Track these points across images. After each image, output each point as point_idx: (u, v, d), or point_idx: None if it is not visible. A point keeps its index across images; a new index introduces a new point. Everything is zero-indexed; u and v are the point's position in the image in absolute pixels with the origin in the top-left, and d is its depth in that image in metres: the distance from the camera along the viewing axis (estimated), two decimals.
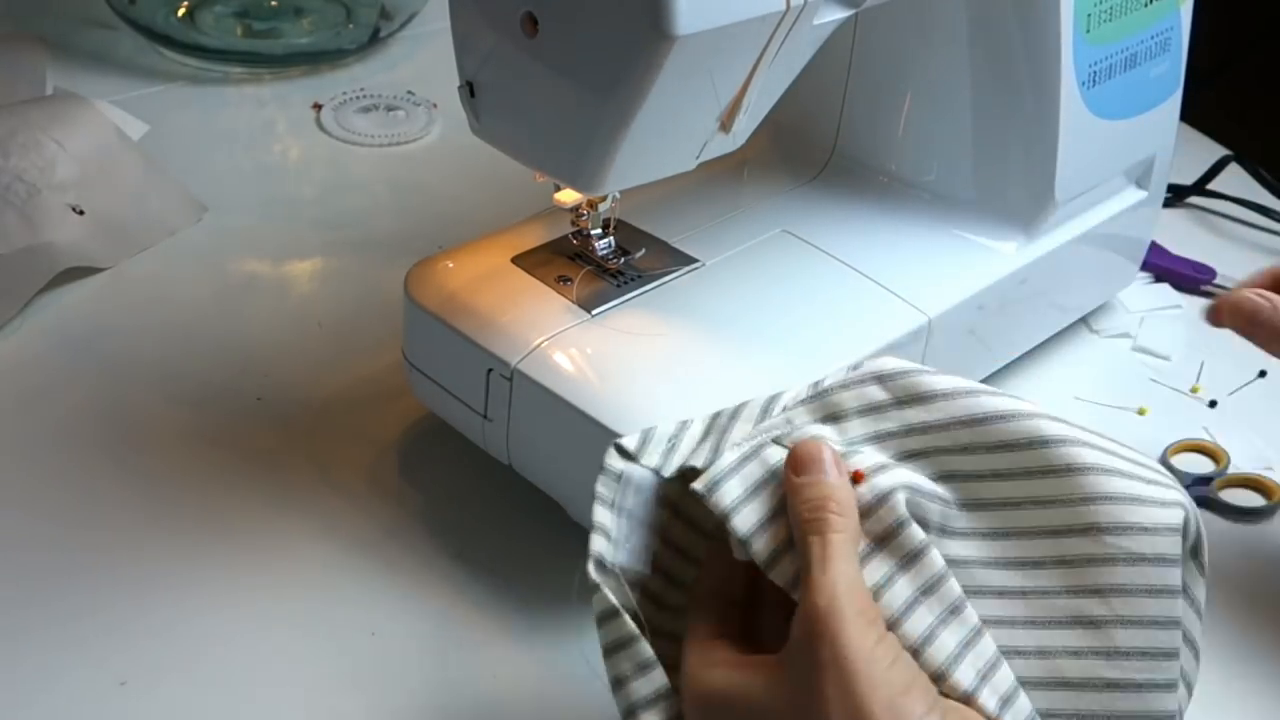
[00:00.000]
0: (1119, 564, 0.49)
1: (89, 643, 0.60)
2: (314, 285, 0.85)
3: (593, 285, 0.67)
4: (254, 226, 0.88)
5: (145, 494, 0.68)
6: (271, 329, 0.79)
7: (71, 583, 0.63)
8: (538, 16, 0.56)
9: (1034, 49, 0.70)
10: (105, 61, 1.03)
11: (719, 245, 0.71)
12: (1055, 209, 0.74)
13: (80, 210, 0.83)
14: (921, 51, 0.73)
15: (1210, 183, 0.99)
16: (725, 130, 0.61)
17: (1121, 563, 0.49)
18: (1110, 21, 0.72)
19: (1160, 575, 0.49)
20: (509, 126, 0.62)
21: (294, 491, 0.69)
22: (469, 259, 0.69)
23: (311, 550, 0.66)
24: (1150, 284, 0.89)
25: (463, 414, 0.66)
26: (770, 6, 0.55)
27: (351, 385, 0.76)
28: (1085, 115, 0.72)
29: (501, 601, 0.64)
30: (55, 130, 0.86)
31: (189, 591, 0.63)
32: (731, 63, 0.58)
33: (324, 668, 0.60)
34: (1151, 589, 0.49)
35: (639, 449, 0.52)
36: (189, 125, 0.97)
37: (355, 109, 0.99)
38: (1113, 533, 0.50)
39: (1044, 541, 0.50)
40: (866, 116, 0.77)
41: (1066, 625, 0.49)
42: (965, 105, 0.73)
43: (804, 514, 0.48)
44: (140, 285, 0.82)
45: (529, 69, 0.58)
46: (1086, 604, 0.49)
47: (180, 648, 0.61)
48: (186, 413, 0.73)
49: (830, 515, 0.48)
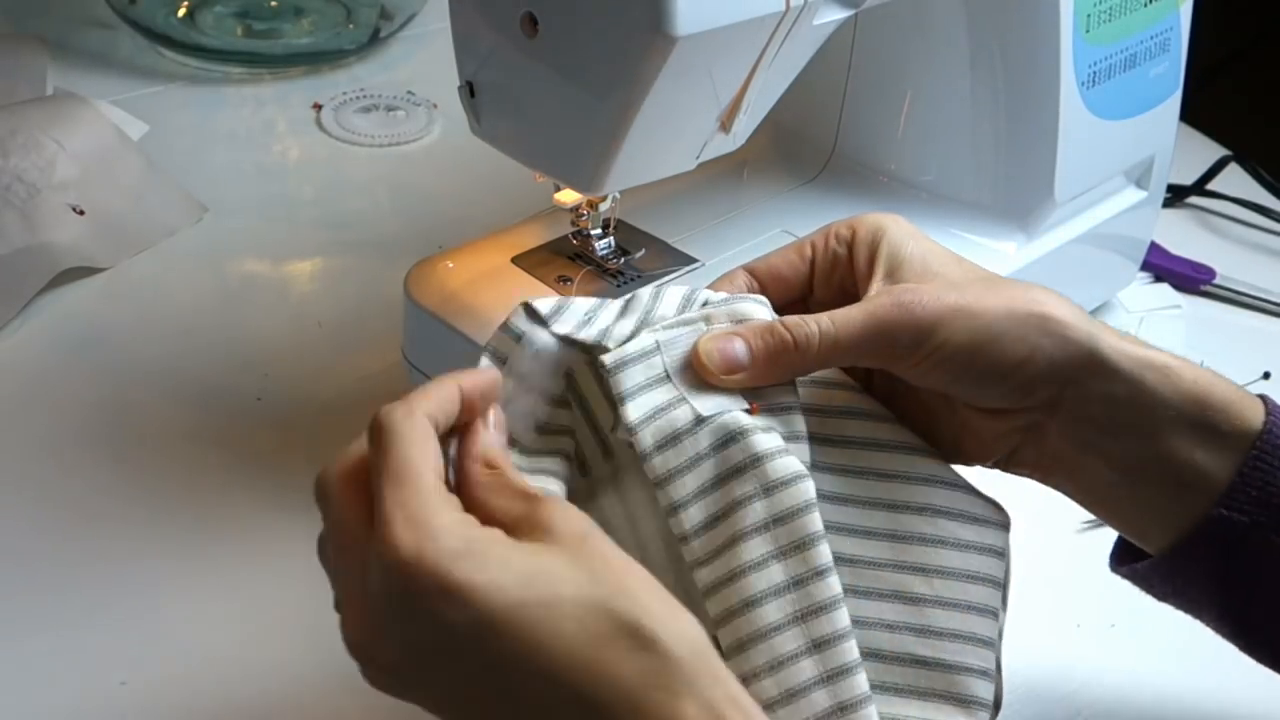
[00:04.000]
0: (947, 547, 0.51)
1: (89, 642, 0.60)
2: (314, 285, 0.85)
3: (593, 285, 0.67)
4: (254, 226, 0.88)
5: (145, 494, 0.68)
6: (271, 329, 0.79)
7: (72, 582, 0.63)
8: (538, 17, 0.56)
9: (1033, 49, 0.70)
10: (105, 62, 1.03)
11: (719, 245, 0.71)
12: (1055, 209, 0.74)
13: (80, 210, 0.83)
14: (921, 51, 0.73)
15: (1210, 183, 0.99)
16: (725, 130, 0.61)
17: (949, 546, 0.51)
18: (1109, 22, 0.72)
19: (985, 564, 0.51)
20: (509, 127, 0.62)
21: (294, 491, 0.69)
22: (469, 259, 0.69)
23: (311, 550, 0.66)
24: (1150, 284, 0.89)
25: None
26: (770, 7, 0.55)
27: (351, 385, 0.75)
28: (1085, 115, 0.72)
29: None
30: (55, 130, 0.86)
31: (188, 591, 0.63)
32: (731, 63, 0.58)
33: (324, 668, 0.60)
34: (974, 576, 0.51)
35: (551, 315, 0.50)
36: (189, 125, 0.97)
37: (355, 109, 0.99)
38: (948, 516, 0.51)
39: (879, 514, 0.51)
40: (866, 116, 0.77)
41: (887, 598, 0.50)
42: (965, 105, 0.73)
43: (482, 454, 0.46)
44: (140, 285, 0.82)
45: (529, 69, 0.58)
46: (910, 580, 0.50)
47: (180, 647, 0.61)
48: (186, 413, 0.73)
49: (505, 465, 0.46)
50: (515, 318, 0.50)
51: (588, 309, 0.51)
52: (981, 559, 0.51)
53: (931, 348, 0.50)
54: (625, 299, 0.52)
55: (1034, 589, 0.57)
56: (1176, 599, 0.54)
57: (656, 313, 0.51)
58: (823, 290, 0.55)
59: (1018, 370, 0.50)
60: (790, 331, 0.50)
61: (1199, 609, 0.54)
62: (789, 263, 0.55)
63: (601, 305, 0.52)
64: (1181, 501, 0.51)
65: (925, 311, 0.50)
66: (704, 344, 0.50)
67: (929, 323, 0.49)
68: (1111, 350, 0.50)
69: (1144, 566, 0.53)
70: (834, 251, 0.55)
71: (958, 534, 0.51)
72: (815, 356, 0.50)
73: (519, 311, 0.50)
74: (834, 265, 0.55)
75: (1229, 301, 0.90)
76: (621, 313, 0.51)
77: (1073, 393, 0.50)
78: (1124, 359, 0.50)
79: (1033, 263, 0.74)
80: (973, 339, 0.50)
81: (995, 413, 0.52)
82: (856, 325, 0.50)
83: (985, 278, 0.53)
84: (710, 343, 0.50)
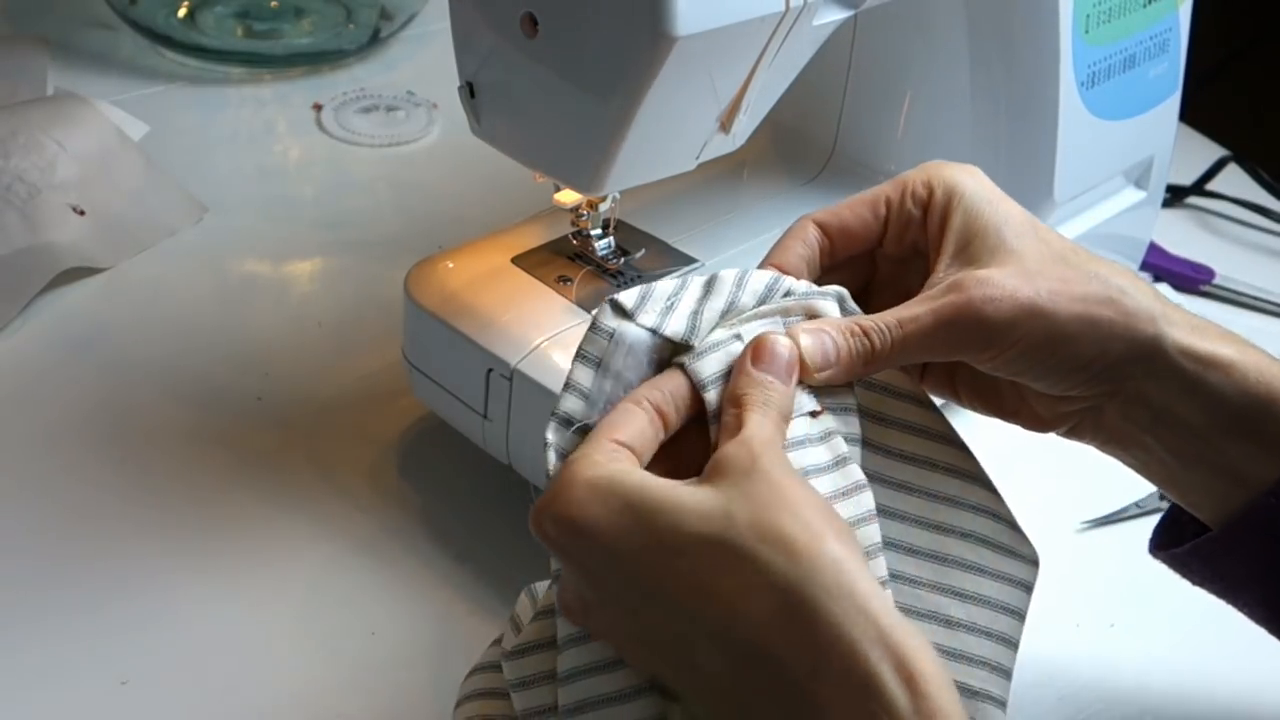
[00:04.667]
0: (986, 577, 0.51)
1: (90, 642, 0.60)
2: (314, 285, 0.85)
3: (593, 285, 0.67)
4: (254, 226, 0.88)
5: (145, 494, 0.68)
6: (271, 329, 0.79)
7: (72, 582, 0.63)
8: (538, 17, 0.56)
9: (1033, 49, 0.70)
10: (106, 62, 1.03)
11: (719, 245, 0.71)
12: (1054, 209, 0.74)
13: (80, 210, 0.83)
14: (921, 51, 0.73)
15: (1209, 183, 0.99)
16: (725, 130, 0.61)
17: (989, 576, 0.51)
18: (1109, 22, 0.72)
19: (1015, 598, 0.51)
20: (509, 127, 0.62)
21: (294, 491, 0.69)
22: (469, 259, 0.69)
23: (311, 550, 0.66)
24: (1149, 284, 0.89)
25: (463, 414, 0.66)
26: (770, 7, 0.55)
27: (351, 385, 0.76)
28: (1084, 116, 0.72)
29: (501, 602, 0.64)
30: (56, 131, 0.86)
31: (189, 591, 0.63)
32: (731, 63, 0.58)
33: (324, 668, 0.61)
34: (1005, 607, 0.51)
35: (636, 307, 0.50)
36: (189, 125, 0.97)
37: (355, 109, 0.99)
38: (990, 547, 0.51)
39: (925, 533, 0.51)
40: (866, 116, 0.77)
41: (924, 617, 0.50)
42: (965, 105, 0.73)
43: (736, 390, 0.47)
44: (140, 285, 0.82)
45: (529, 69, 0.58)
46: (948, 603, 0.50)
47: (180, 647, 0.61)
48: (186, 412, 0.73)
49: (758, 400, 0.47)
50: (603, 316, 0.49)
51: (669, 294, 0.50)
52: (1013, 592, 0.51)
53: (1001, 349, 0.49)
54: (705, 280, 0.51)
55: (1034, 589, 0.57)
56: (1215, 584, 0.54)
57: (741, 300, 0.50)
58: (893, 246, 0.55)
59: (1084, 369, 0.50)
60: (871, 336, 0.49)
61: (1238, 595, 0.54)
62: (860, 219, 0.54)
63: (683, 288, 0.50)
64: (1231, 488, 0.51)
65: (996, 313, 0.49)
66: (805, 343, 0.49)
67: (1001, 325, 0.49)
68: (1175, 350, 0.50)
69: (1184, 551, 0.54)
70: (909, 212, 0.54)
71: (997, 565, 0.51)
72: (883, 360, 0.50)
73: (605, 309, 0.49)
74: (907, 225, 0.54)
75: (1228, 302, 0.90)
76: (703, 296, 0.50)
77: (1133, 387, 0.51)
78: (1186, 360, 0.50)
79: None
80: (1046, 339, 0.49)
81: (1056, 397, 0.52)
82: (924, 327, 0.49)
83: (1062, 256, 0.51)
84: (810, 339, 0.49)
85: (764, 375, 0.47)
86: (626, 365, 0.49)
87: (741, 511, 0.43)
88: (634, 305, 0.49)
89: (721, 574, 0.42)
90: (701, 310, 0.50)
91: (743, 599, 0.42)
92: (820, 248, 0.54)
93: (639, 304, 0.49)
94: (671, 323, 0.49)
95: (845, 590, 0.42)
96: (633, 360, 0.49)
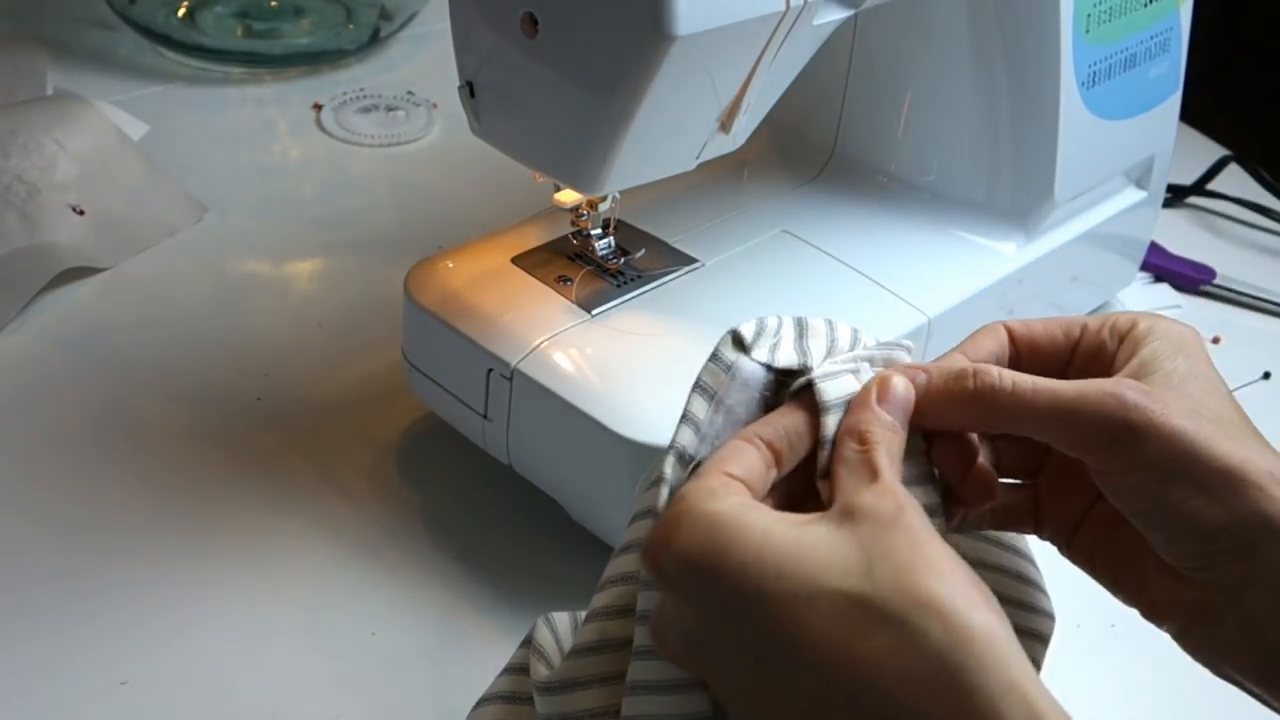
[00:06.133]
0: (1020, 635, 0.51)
1: (90, 642, 0.60)
2: (314, 285, 0.85)
3: (593, 285, 0.67)
4: (254, 226, 0.88)
5: (145, 494, 0.68)
6: (271, 329, 0.79)
7: (72, 583, 0.63)
8: (538, 17, 0.56)
9: (1034, 49, 0.70)
10: (105, 62, 1.03)
11: (719, 245, 0.71)
12: (1055, 209, 0.74)
13: (80, 210, 0.83)
14: (921, 51, 0.73)
15: (1209, 183, 0.99)
16: (725, 130, 0.61)
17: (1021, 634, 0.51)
18: (1110, 22, 0.72)
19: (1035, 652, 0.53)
20: (509, 127, 0.62)
21: (294, 492, 0.69)
22: (469, 259, 0.69)
23: (311, 550, 0.66)
24: (1150, 284, 0.89)
25: (463, 414, 0.67)
26: (770, 7, 0.55)
27: (351, 385, 0.76)
28: (1085, 115, 0.72)
29: (501, 602, 0.64)
30: (56, 130, 0.86)
31: (189, 591, 0.63)
32: (731, 63, 0.58)
33: (324, 668, 0.60)
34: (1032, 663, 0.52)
35: (754, 340, 0.48)
36: (189, 125, 0.97)
37: (355, 109, 0.99)
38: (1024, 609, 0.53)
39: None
40: (866, 116, 0.77)
41: None
42: (965, 105, 0.73)
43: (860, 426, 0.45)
44: (140, 285, 0.82)
45: (529, 69, 0.58)
46: None
47: (180, 648, 0.61)
48: (186, 412, 0.73)
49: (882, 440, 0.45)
50: (724, 347, 0.48)
51: (774, 330, 0.49)
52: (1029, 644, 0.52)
53: (1127, 461, 0.45)
54: (795, 319, 0.50)
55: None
56: None
57: (838, 343, 0.50)
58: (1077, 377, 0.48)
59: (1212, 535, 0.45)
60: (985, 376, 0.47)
61: None
62: (1051, 338, 0.51)
63: (780, 326, 0.49)
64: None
65: (1141, 420, 0.44)
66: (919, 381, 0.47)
67: (1138, 431, 0.44)
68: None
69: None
70: (1103, 341, 0.49)
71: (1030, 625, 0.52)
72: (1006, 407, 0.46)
73: (727, 340, 0.48)
74: (1097, 354, 0.49)
75: (1229, 302, 0.90)
76: (798, 336, 0.49)
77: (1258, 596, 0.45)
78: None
79: (1032, 263, 0.74)
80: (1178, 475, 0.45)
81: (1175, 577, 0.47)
82: (1062, 399, 0.46)
83: (1230, 420, 0.46)
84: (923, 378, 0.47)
85: (888, 417, 0.46)
86: (738, 400, 0.48)
87: (886, 569, 0.41)
88: (751, 338, 0.48)
89: (867, 635, 0.40)
90: (808, 349, 0.49)
91: (891, 664, 0.40)
92: (1008, 353, 0.51)
93: (755, 337, 0.48)
94: (780, 357, 0.48)
95: (1000, 663, 0.40)
96: (744, 395, 0.48)
